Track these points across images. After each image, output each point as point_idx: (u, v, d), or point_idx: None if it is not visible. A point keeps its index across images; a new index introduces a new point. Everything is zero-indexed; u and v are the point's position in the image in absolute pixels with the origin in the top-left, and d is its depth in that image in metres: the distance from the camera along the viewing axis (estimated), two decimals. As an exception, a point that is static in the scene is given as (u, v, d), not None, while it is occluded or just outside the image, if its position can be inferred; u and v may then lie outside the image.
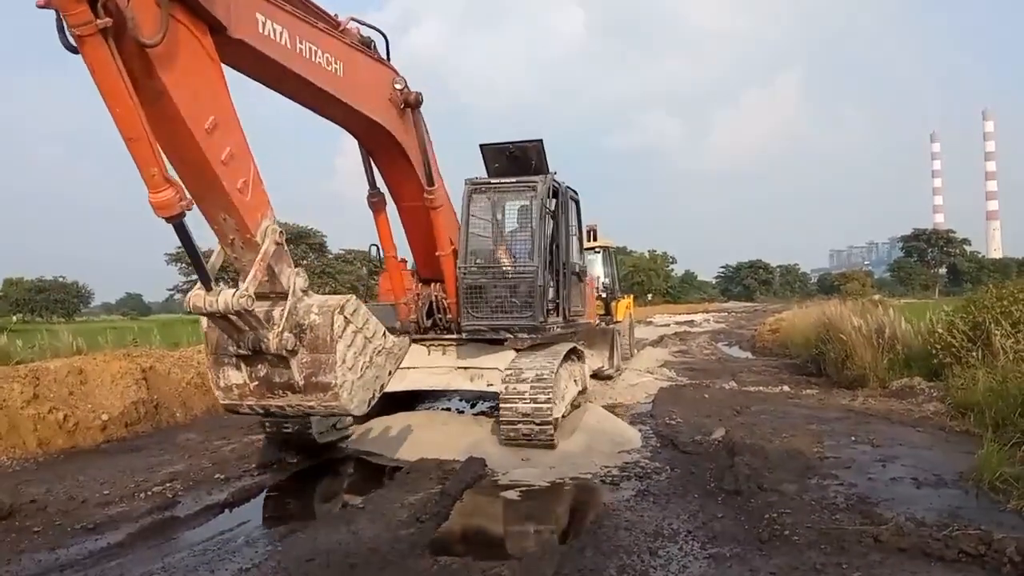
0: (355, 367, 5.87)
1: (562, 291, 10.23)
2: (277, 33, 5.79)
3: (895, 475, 7.31)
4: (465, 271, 9.27)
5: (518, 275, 9.31)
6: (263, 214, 5.45)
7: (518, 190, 9.81)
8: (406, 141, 8.17)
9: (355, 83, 7.04)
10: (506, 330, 9.26)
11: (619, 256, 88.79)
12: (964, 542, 5.26)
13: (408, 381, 9.51)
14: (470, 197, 9.66)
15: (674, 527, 6.07)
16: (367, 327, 6.02)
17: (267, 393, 5.81)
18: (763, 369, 18.66)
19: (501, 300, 9.23)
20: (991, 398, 9.21)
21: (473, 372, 9.59)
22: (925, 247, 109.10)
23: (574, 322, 11.12)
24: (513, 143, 10.21)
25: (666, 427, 10.18)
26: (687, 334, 34.33)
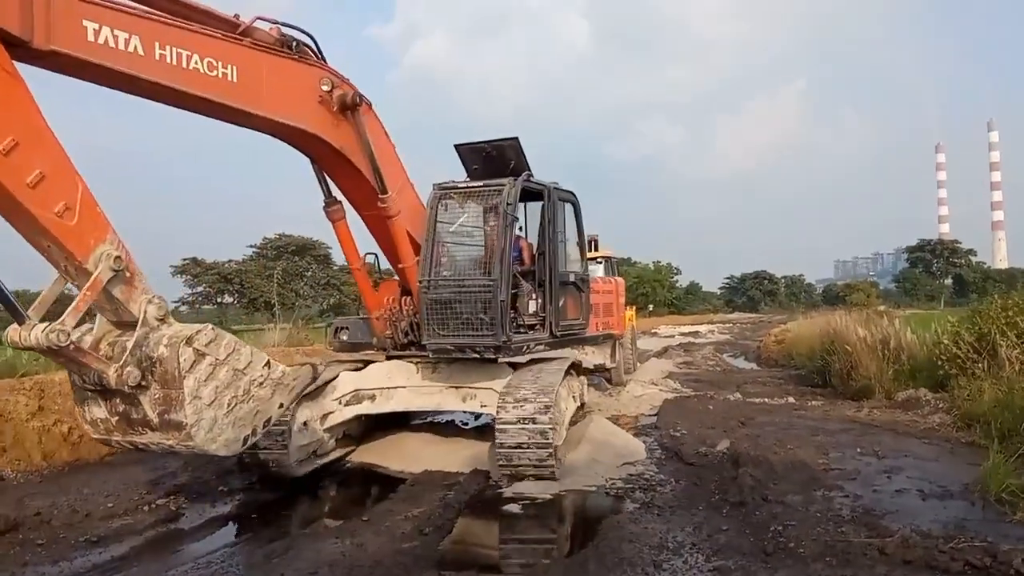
0: (218, 403, 5.41)
1: (549, 303, 9.48)
2: (121, 41, 5.44)
3: (901, 487, 7.28)
4: (428, 284, 8.61)
5: (478, 289, 8.51)
6: (97, 239, 5.09)
7: (486, 194, 8.99)
8: (347, 147, 7.72)
9: (261, 88, 6.63)
10: (471, 348, 8.57)
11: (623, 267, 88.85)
12: (970, 554, 5.24)
13: (395, 402, 9.19)
14: (437, 203, 9.03)
15: (678, 539, 6.05)
16: (234, 358, 5.55)
17: (129, 429, 5.48)
18: (768, 380, 18.60)
19: (468, 316, 8.47)
20: (997, 409, 9.17)
21: (465, 392, 9.04)
22: (930, 258, 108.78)
23: (569, 335, 10.38)
24: (488, 142, 9.58)
25: (671, 439, 10.15)
26: (692, 345, 34.25)
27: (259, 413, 5.82)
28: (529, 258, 9.89)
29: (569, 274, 10.21)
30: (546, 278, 9.50)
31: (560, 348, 10.24)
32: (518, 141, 9.42)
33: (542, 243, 9.59)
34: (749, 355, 29.10)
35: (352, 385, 9.11)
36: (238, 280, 70.42)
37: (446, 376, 9.16)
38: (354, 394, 9.13)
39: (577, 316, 10.52)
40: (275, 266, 63.77)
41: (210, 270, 71.02)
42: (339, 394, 9.01)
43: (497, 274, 8.38)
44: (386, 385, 9.21)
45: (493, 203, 8.91)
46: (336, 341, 10.09)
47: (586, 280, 10.94)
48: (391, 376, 9.27)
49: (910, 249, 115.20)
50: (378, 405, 9.19)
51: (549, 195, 9.64)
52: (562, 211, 10.03)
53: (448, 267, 9.01)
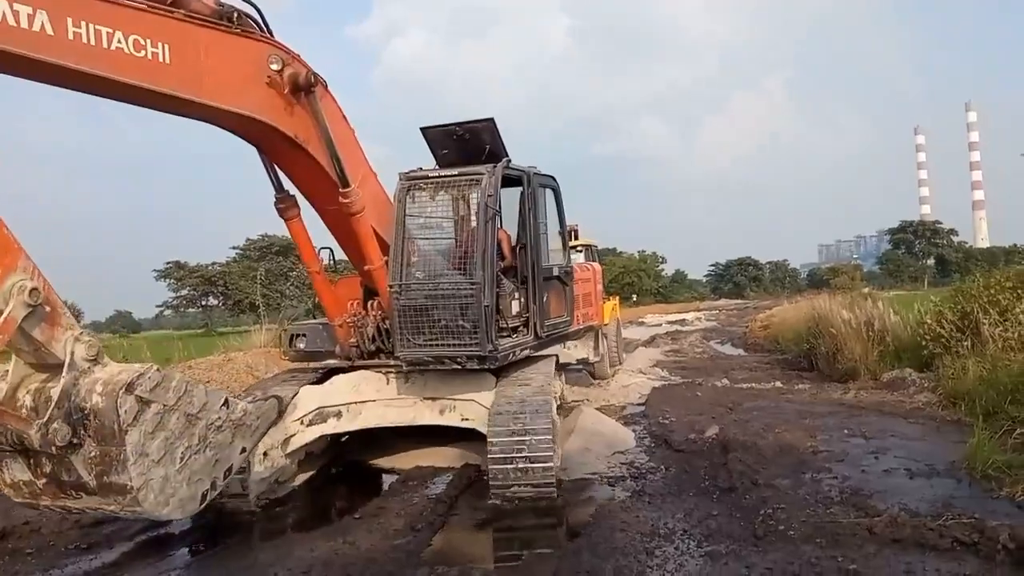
0: (169, 458, 4.72)
1: (533, 302, 8.49)
2: (23, 17, 4.54)
3: (888, 467, 7.35)
4: (399, 288, 7.58)
5: (457, 292, 7.51)
6: (7, 267, 4.32)
7: (461, 183, 7.95)
8: (301, 134, 6.70)
9: (200, 70, 5.67)
10: (451, 359, 7.52)
11: (609, 257, 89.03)
12: (958, 531, 5.30)
13: (364, 418, 8.14)
14: (405, 195, 7.90)
15: (670, 526, 6.09)
16: (185, 401, 4.86)
17: (60, 493, 4.64)
18: (755, 365, 18.70)
19: (447, 323, 7.51)
20: (981, 387, 9.27)
21: (444, 404, 8.01)
22: (912, 239, 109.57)
23: (554, 334, 9.37)
24: (460, 124, 8.36)
25: (659, 426, 10.19)
26: (679, 333, 34.34)
27: (219, 463, 5.16)
28: (508, 251, 8.95)
29: (552, 267, 9.22)
30: (529, 273, 8.50)
31: (545, 348, 9.31)
32: (494, 123, 8.31)
33: (523, 234, 8.61)
34: (736, 341, 29.22)
35: (315, 402, 8.08)
36: (222, 282, 70.11)
37: (421, 387, 8.13)
38: (318, 412, 8.06)
39: (562, 313, 9.60)
40: (259, 267, 63.53)
41: (194, 273, 70.70)
42: (301, 413, 7.96)
43: (480, 276, 7.36)
44: (353, 399, 8.18)
45: (470, 193, 8.03)
46: (292, 350, 9.01)
47: (570, 273, 9.98)
48: (359, 389, 8.24)
49: (892, 231, 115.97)
50: (345, 423, 8.17)
51: (529, 181, 8.62)
52: (543, 198, 9.08)
53: (421, 268, 7.99)
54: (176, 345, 20.67)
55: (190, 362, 17.06)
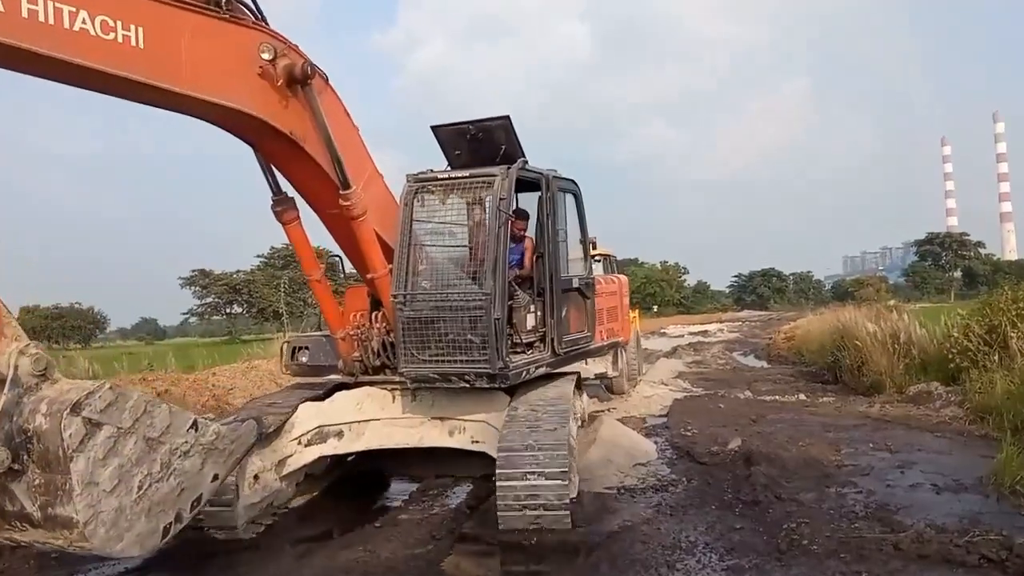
0: (124, 487, 4.19)
1: (550, 316, 7.88)
2: None
3: (914, 481, 7.26)
4: (404, 299, 7.02)
5: (467, 304, 6.94)
6: None
7: (473, 186, 7.35)
8: (297, 131, 6.20)
9: (179, 57, 5.15)
10: (459, 376, 6.92)
11: (631, 268, 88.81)
12: (985, 547, 5.22)
13: (367, 438, 7.65)
14: (412, 198, 7.35)
15: (692, 539, 6.04)
16: (144, 423, 4.34)
17: (3, 524, 4.14)
18: (778, 378, 18.56)
19: (455, 337, 6.92)
20: (1009, 401, 9.15)
21: (453, 424, 7.53)
22: (939, 251, 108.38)
23: (574, 351, 8.63)
24: (473, 122, 7.83)
25: (682, 438, 10.12)
26: (701, 344, 34.19)
27: (185, 492, 4.63)
28: (530, 260, 8.34)
29: (572, 279, 8.59)
30: (546, 285, 7.91)
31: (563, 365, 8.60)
32: (509, 121, 7.75)
33: (541, 243, 8.09)
34: (759, 353, 29.03)
35: (315, 420, 7.59)
36: (247, 290, 70.79)
37: (428, 405, 7.59)
38: (317, 431, 7.59)
39: (582, 328, 8.90)
40: (283, 275, 64.02)
41: (218, 281, 71.45)
42: (299, 432, 7.48)
43: (491, 286, 6.78)
44: (356, 418, 7.69)
45: (482, 196, 7.48)
46: (294, 364, 8.44)
47: (591, 284, 9.21)
48: (362, 407, 7.72)
49: (918, 243, 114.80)
50: (347, 443, 7.68)
51: (548, 185, 8.00)
52: (563, 204, 8.45)
53: (428, 277, 7.38)
54: (200, 353, 20.89)
55: (214, 369, 17.22)
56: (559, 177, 8.34)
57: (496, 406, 7.29)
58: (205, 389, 13.73)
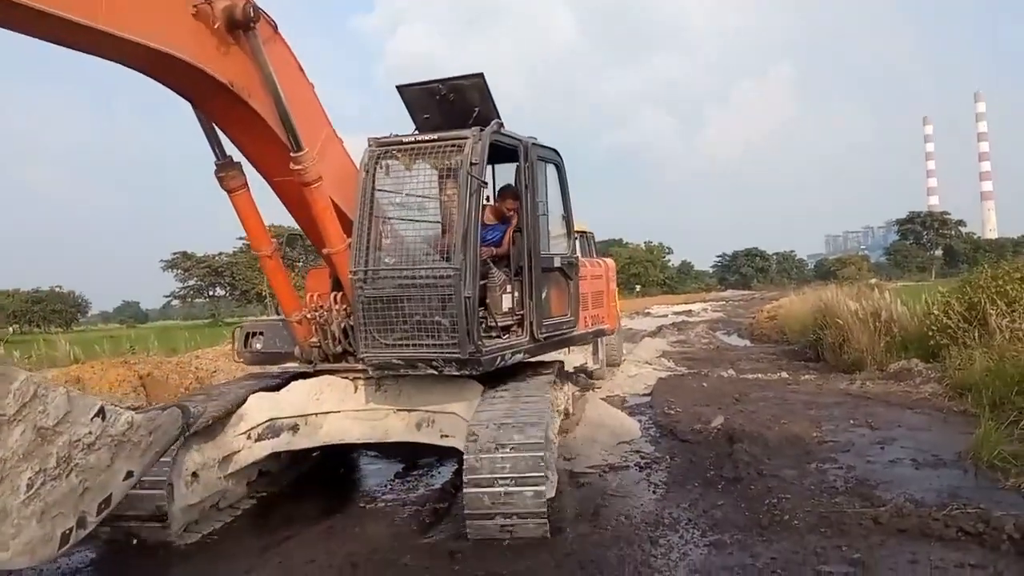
0: (8, 486, 3.63)
1: (529, 297, 7.14)
2: None
3: (894, 457, 7.33)
4: (364, 276, 6.33)
5: (434, 282, 6.23)
6: None
7: (442, 150, 6.51)
8: (239, 83, 5.50)
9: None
10: (426, 363, 6.24)
11: (615, 248, 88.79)
12: (963, 521, 5.28)
13: (325, 432, 6.99)
14: (375, 165, 6.62)
15: (675, 515, 6.08)
16: (36, 409, 3.74)
17: None
18: (761, 356, 18.67)
19: (421, 319, 6.20)
20: (988, 378, 9.23)
21: (420, 416, 6.86)
22: (920, 230, 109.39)
23: (555, 337, 7.84)
24: (443, 81, 7.06)
25: (665, 417, 10.17)
26: (685, 324, 34.32)
27: (89, 491, 4.04)
28: (508, 241, 7.58)
29: (554, 258, 7.82)
30: (524, 263, 7.16)
31: (543, 352, 7.97)
32: (483, 78, 6.99)
33: (519, 217, 7.35)
34: (742, 332, 29.18)
35: (266, 412, 6.94)
36: (229, 273, 70.42)
37: (394, 396, 6.94)
38: (268, 424, 6.92)
39: (564, 312, 8.09)
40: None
41: (201, 263, 71.05)
42: (248, 426, 6.85)
43: (460, 260, 6.09)
44: (313, 410, 7.01)
45: (452, 162, 6.52)
46: (247, 351, 7.71)
47: (574, 265, 8.34)
48: (320, 397, 7.05)
49: (900, 222, 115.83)
50: (302, 438, 6.99)
51: (526, 153, 7.25)
52: (543, 174, 7.65)
53: (392, 251, 6.66)
54: (183, 335, 20.78)
55: (197, 352, 17.13)
56: (539, 145, 7.57)
57: (468, 396, 6.68)
58: (188, 372, 13.67)
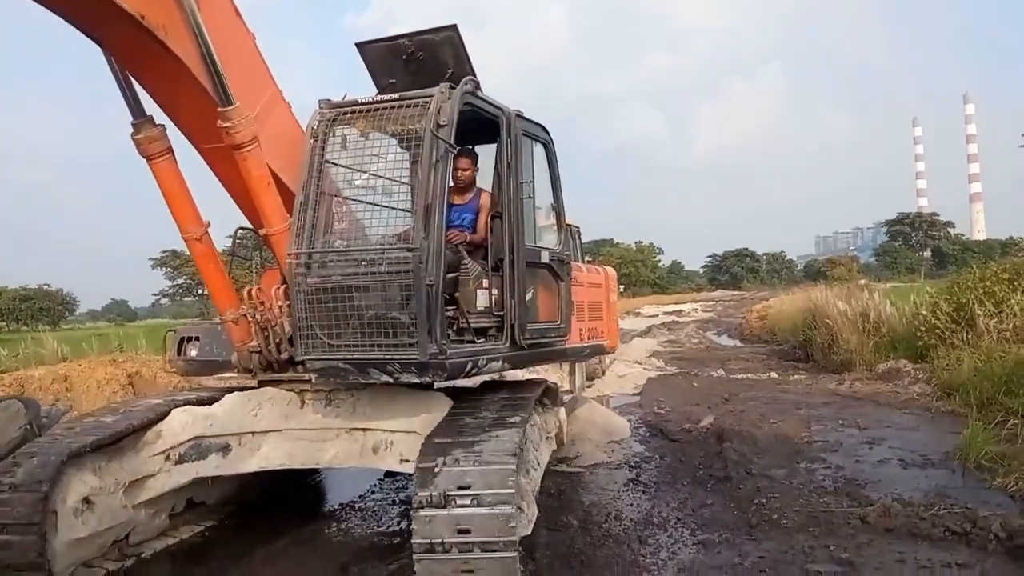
0: None
1: (510, 295, 5.88)
2: None
3: (882, 457, 7.37)
4: (305, 261, 5.25)
5: (386, 267, 5.15)
6: None
7: (404, 114, 5.37)
8: (153, 16, 4.63)
9: None
10: (379, 368, 5.05)
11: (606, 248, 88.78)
12: (950, 520, 5.32)
13: (260, 456, 5.80)
14: (324, 132, 5.54)
15: (664, 515, 6.09)
16: None
17: None
18: (751, 356, 18.73)
19: (376, 314, 5.05)
20: (976, 378, 9.29)
21: (377, 438, 5.66)
22: (909, 231, 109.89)
23: (541, 345, 6.43)
24: (410, 36, 6.02)
25: (655, 416, 10.20)
26: (675, 324, 34.39)
27: None
28: (485, 226, 6.31)
29: (540, 251, 6.57)
30: (506, 255, 5.97)
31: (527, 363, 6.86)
32: (456, 32, 5.94)
33: (498, 201, 6.13)
34: (732, 332, 29.27)
35: (191, 429, 5.80)
36: (224, 272, 70.18)
37: (347, 413, 5.78)
38: (193, 444, 5.78)
39: (554, 317, 6.76)
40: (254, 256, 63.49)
41: (190, 262, 70.70)
42: (167, 445, 5.71)
43: (421, 241, 5.00)
44: (249, 428, 5.84)
45: (418, 128, 5.30)
46: (180, 359, 6.55)
47: (565, 263, 7.01)
48: (258, 413, 5.89)
49: (889, 223, 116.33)
50: (234, 462, 5.82)
51: (509, 126, 6.06)
52: (529, 153, 6.46)
53: (344, 236, 5.74)
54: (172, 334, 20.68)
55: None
56: (524, 118, 6.34)
57: (434, 412, 5.53)
58: (177, 370, 13.57)
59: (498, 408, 5.47)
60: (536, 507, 5.19)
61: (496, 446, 4.61)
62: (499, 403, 5.63)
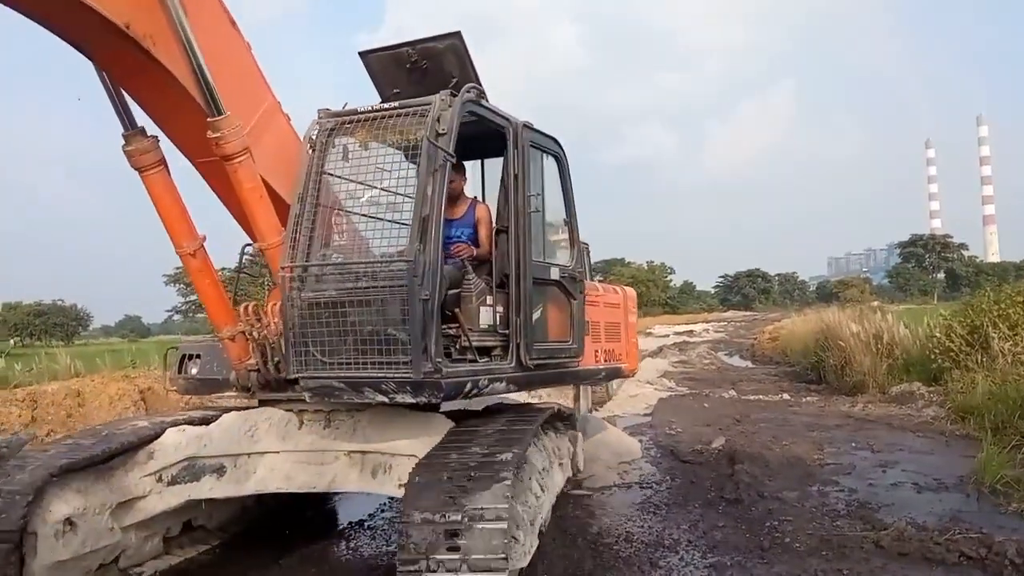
0: None
1: (516, 313, 5.69)
2: None
3: (896, 480, 7.31)
4: (299, 276, 5.09)
5: (385, 283, 4.97)
6: None
7: (405, 121, 5.16)
8: (139, 26, 4.55)
9: None
10: (373, 387, 4.86)
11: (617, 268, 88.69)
12: (965, 545, 5.26)
13: (256, 479, 5.51)
14: (325, 143, 5.39)
15: (675, 537, 6.05)
16: None
17: None
18: (763, 377, 18.65)
19: (372, 331, 4.86)
20: (990, 401, 9.22)
21: (377, 461, 5.41)
22: (923, 253, 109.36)
23: (550, 366, 6.28)
24: (414, 44, 5.87)
25: (666, 437, 10.16)
26: (686, 344, 34.28)
27: None
28: (486, 236, 6.19)
29: (549, 268, 6.30)
30: (512, 270, 5.77)
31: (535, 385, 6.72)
32: (461, 39, 5.78)
33: (504, 215, 5.94)
34: (744, 353, 29.15)
35: (184, 449, 5.63)
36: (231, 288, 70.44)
37: (347, 434, 5.53)
38: (186, 465, 5.59)
39: (565, 336, 6.50)
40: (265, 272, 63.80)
41: (203, 278, 71.09)
42: (159, 465, 5.57)
43: (415, 252, 4.79)
44: (245, 450, 5.61)
45: (416, 136, 5.16)
46: (181, 378, 6.38)
47: (577, 280, 6.70)
48: (255, 434, 5.64)
49: (902, 245, 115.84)
50: (229, 484, 5.57)
51: (516, 137, 5.89)
52: (538, 166, 6.28)
53: (339, 248, 5.61)
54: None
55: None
56: (533, 129, 6.14)
57: (433, 436, 5.29)
58: (189, 386, 13.62)
59: (494, 441, 5.04)
60: (537, 538, 5.08)
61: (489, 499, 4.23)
62: (495, 435, 5.20)
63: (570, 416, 6.99)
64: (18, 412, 10.04)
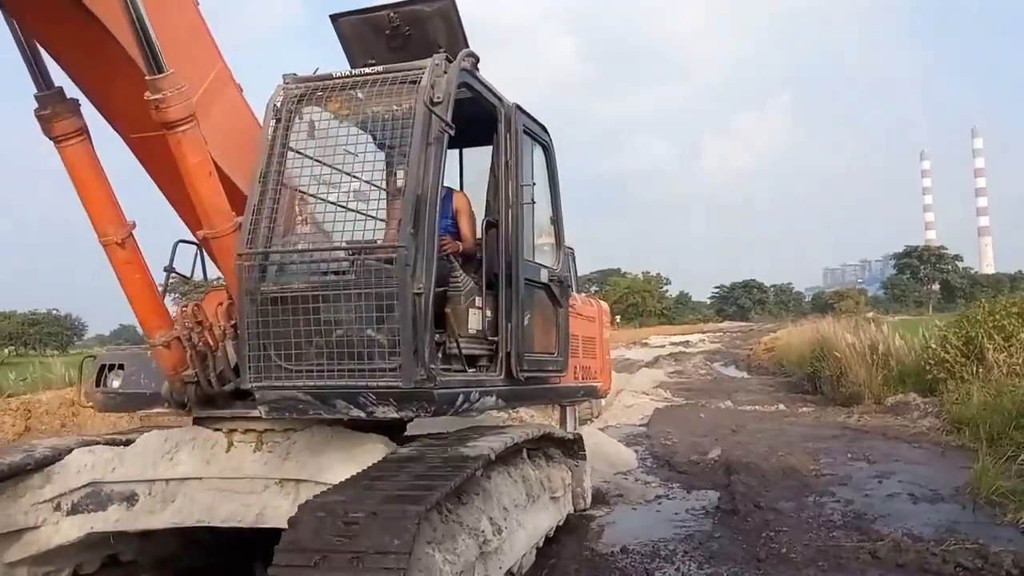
0: None
1: (507, 318, 5.07)
2: None
3: (891, 491, 7.31)
4: (258, 266, 4.36)
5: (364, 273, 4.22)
6: None
7: (389, 89, 4.46)
8: None
9: None
10: (349, 400, 4.11)
11: (613, 278, 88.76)
12: (961, 556, 5.24)
13: (173, 509, 4.58)
14: (291, 112, 4.62)
15: (671, 547, 6.02)
16: None
17: None
18: (758, 388, 18.68)
19: (347, 331, 4.15)
20: (986, 412, 9.23)
21: (311, 490, 4.09)
22: (918, 264, 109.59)
23: (538, 380, 5.72)
24: (395, 6, 5.12)
25: (662, 447, 10.15)
26: (682, 355, 34.32)
27: None
28: (469, 230, 5.59)
29: (540, 269, 5.71)
30: (502, 270, 5.13)
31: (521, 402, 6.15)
32: (454, 3, 5.08)
33: (494, 206, 5.31)
34: (740, 363, 29.20)
35: (89, 473, 4.70)
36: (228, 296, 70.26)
37: (279, 458, 4.58)
38: (90, 491, 4.66)
39: (550, 348, 5.87)
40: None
41: (198, 288, 70.60)
42: (57, 491, 4.66)
43: (408, 238, 4.13)
44: (162, 475, 4.67)
45: (404, 106, 4.44)
46: (99, 391, 5.34)
47: (564, 284, 6.15)
48: (175, 456, 4.72)
49: (897, 256, 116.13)
50: (138, 515, 4.62)
51: (508, 121, 5.28)
52: (528, 155, 5.60)
53: (305, 235, 4.83)
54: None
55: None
56: (526, 113, 5.54)
57: (366, 461, 4.28)
58: (184, 396, 13.58)
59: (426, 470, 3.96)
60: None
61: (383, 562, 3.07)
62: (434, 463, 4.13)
63: (571, 441, 6.31)
64: (12, 422, 10.01)
